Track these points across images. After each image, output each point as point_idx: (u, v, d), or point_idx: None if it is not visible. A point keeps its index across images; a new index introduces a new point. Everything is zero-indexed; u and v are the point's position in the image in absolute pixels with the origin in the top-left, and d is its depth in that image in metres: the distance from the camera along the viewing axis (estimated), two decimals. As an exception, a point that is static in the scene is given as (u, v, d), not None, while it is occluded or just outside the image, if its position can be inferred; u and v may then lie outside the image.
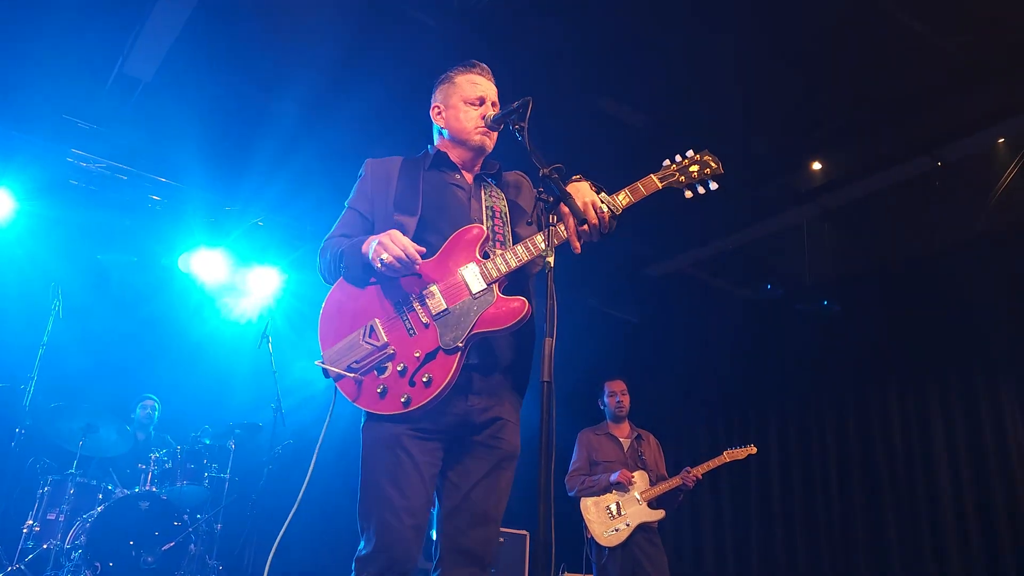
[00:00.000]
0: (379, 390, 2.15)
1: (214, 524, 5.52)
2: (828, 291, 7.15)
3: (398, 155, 2.51)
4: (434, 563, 2.20)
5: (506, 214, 2.41)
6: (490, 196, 2.43)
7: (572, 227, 2.16)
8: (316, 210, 6.39)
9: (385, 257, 2.10)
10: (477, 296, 2.17)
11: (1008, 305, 6.01)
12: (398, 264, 2.11)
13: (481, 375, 2.22)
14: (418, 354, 2.15)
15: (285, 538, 2.24)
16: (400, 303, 2.22)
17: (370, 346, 2.18)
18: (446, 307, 2.18)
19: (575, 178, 2.25)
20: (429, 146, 2.55)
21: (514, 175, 2.59)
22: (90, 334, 6.43)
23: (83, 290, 6.28)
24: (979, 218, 5.88)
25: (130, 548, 4.93)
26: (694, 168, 2.36)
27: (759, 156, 6.04)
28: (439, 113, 2.49)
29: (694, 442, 8.14)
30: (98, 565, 4.77)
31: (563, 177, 2.07)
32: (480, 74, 2.46)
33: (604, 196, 2.24)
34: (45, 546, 4.97)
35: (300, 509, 2.23)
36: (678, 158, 2.38)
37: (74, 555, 4.83)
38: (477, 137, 2.40)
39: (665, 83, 5.40)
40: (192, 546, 5.22)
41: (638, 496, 5.15)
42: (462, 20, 4.80)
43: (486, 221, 2.34)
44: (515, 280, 2.25)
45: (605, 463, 5.32)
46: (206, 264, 6.84)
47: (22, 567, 4.86)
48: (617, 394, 5.54)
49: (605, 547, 5.05)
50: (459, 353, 2.12)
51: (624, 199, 2.28)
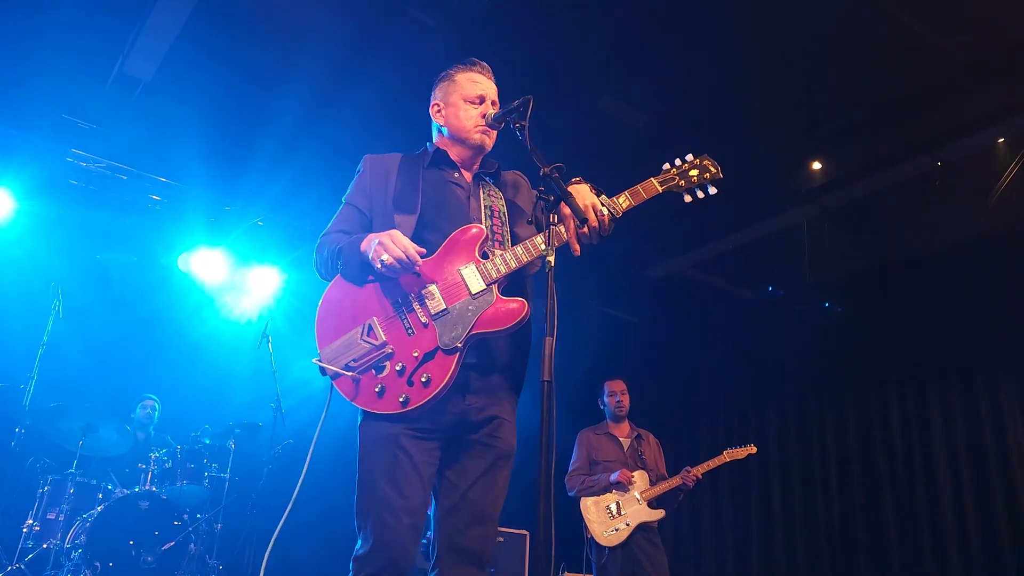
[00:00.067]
0: (377, 389, 2.14)
1: (214, 524, 5.52)
2: (828, 291, 7.15)
3: (397, 152, 2.51)
4: (431, 563, 2.20)
5: (504, 214, 2.41)
6: (489, 195, 2.42)
7: (572, 229, 2.17)
8: (316, 209, 6.38)
9: (385, 258, 2.10)
10: (476, 296, 2.17)
11: (1008, 305, 6.00)
12: (398, 265, 2.11)
13: (479, 374, 2.21)
14: (416, 354, 2.14)
15: (285, 537, 2.24)
16: (399, 302, 2.21)
17: (368, 345, 2.18)
18: (445, 307, 2.17)
19: (575, 180, 2.24)
20: (428, 143, 2.53)
21: (512, 175, 2.58)
22: (90, 334, 6.43)
23: (83, 290, 6.27)
24: (979, 218, 5.87)
25: (130, 548, 4.93)
26: (694, 172, 2.36)
27: (759, 156, 6.04)
28: (439, 111, 2.48)
29: (694, 442, 8.14)
30: (98, 565, 4.78)
31: (563, 177, 2.07)
32: (480, 72, 2.45)
33: (604, 199, 2.24)
34: (45, 545, 4.97)
35: (299, 508, 2.23)
36: (678, 162, 2.39)
37: (74, 555, 4.84)
38: (477, 135, 2.39)
39: (665, 83, 5.40)
40: (192, 546, 5.23)
41: (638, 496, 5.15)
42: (462, 20, 4.81)
43: (485, 220, 2.33)
44: (513, 280, 2.25)
45: (605, 463, 5.32)
46: (206, 264, 6.83)
47: (22, 566, 4.86)
48: (617, 394, 5.54)
49: (605, 547, 5.04)
50: (458, 353, 2.12)
51: (624, 202, 2.28)
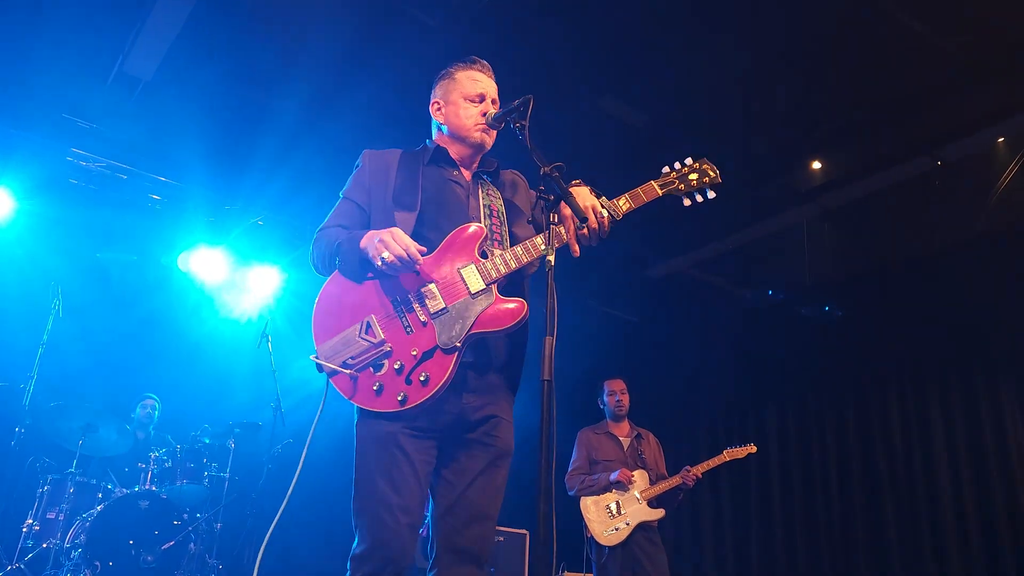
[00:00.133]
0: (375, 387, 2.14)
1: (214, 523, 5.52)
2: (828, 291, 7.14)
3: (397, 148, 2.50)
4: (430, 562, 2.20)
5: (503, 213, 2.41)
6: (488, 194, 2.42)
7: (572, 230, 2.18)
8: (316, 209, 6.34)
9: (386, 256, 2.09)
10: (476, 296, 2.17)
11: (1008, 305, 6.00)
12: (399, 263, 2.10)
13: (476, 373, 2.21)
14: (415, 352, 2.14)
15: (285, 537, 2.24)
16: (398, 300, 2.21)
17: (366, 342, 2.17)
18: (444, 306, 2.17)
19: (575, 183, 2.25)
20: (428, 140, 2.53)
21: (510, 174, 2.58)
22: (90, 333, 6.43)
23: (83, 289, 6.27)
24: (979, 218, 5.87)
25: (130, 547, 4.93)
26: (693, 176, 2.39)
27: (759, 156, 6.04)
28: (439, 109, 2.48)
29: (694, 441, 8.14)
30: (98, 564, 4.77)
31: (563, 178, 2.07)
32: (480, 70, 2.45)
33: (604, 200, 2.25)
34: (45, 545, 4.97)
35: (300, 508, 2.23)
36: (677, 165, 2.40)
37: (74, 554, 4.83)
38: (477, 134, 2.39)
39: (665, 83, 5.40)
40: (192, 545, 5.22)
41: (638, 495, 5.15)
42: (462, 19, 4.81)
43: (484, 220, 2.33)
44: (512, 280, 2.25)
45: (605, 462, 5.32)
46: (206, 263, 6.83)
47: (22, 566, 4.85)
48: (617, 393, 5.54)
49: (605, 546, 5.04)
50: (456, 352, 2.12)
51: (625, 204, 2.29)
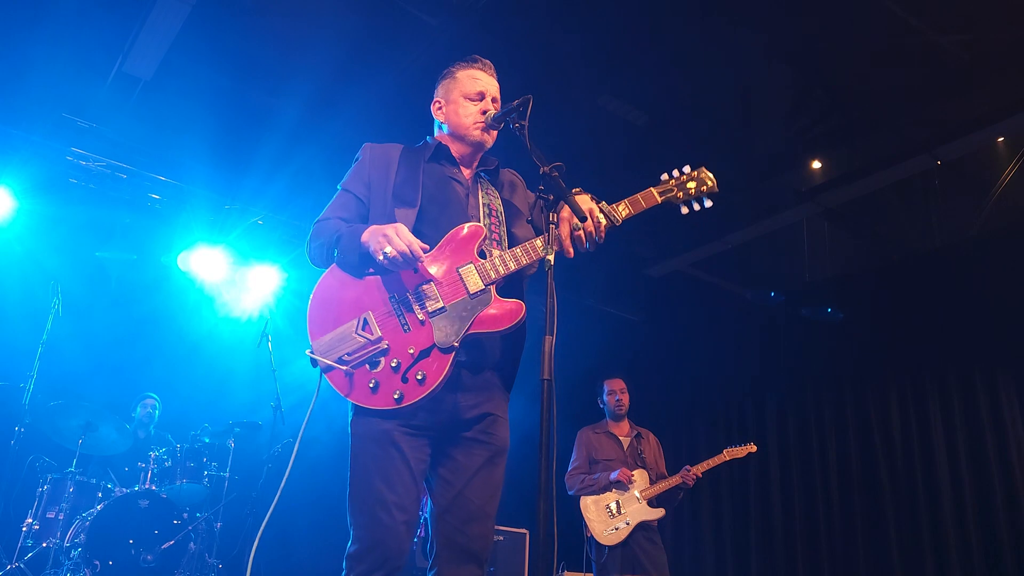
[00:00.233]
0: (371, 385, 2.13)
1: (214, 523, 5.52)
2: (828, 290, 7.15)
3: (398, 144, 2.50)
4: (430, 562, 2.19)
5: (502, 213, 2.41)
6: (487, 194, 2.42)
7: (567, 233, 2.18)
8: (317, 208, 6.31)
9: (389, 251, 2.08)
10: (474, 296, 2.17)
11: (1008, 305, 6.00)
12: (401, 259, 2.10)
13: (471, 372, 2.21)
14: (412, 351, 2.14)
15: (284, 537, 2.24)
16: (396, 298, 2.20)
17: (363, 339, 2.16)
18: (443, 305, 2.17)
19: (575, 191, 2.25)
20: (428, 137, 2.53)
21: (509, 174, 2.58)
22: (90, 332, 6.42)
23: (83, 288, 6.27)
24: (979, 218, 5.88)
25: (129, 547, 4.92)
26: (691, 184, 2.40)
27: (759, 155, 6.05)
28: (439, 108, 2.49)
29: (694, 440, 8.14)
30: (97, 563, 4.77)
31: (563, 179, 2.08)
32: (481, 69, 2.46)
33: (604, 205, 2.25)
34: (44, 544, 4.96)
35: (300, 509, 2.23)
36: (676, 173, 2.42)
37: (73, 553, 4.83)
38: (476, 133, 2.40)
39: (666, 82, 5.40)
40: (191, 544, 5.22)
41: (638, 495, 5.15)
42: (463, 19, 4.81)
43: (483, 219, 2.33)
44: (510, 280, 2.25)
45: (605, 461, 5.31)
46: (206, 262, 6.82)
47: (21, 565, 4.85)
48: (616, 392, 5.53)
49: (605, 546, 5.04)
50: (454, 352, 2.12)
51: (624, 210, 2.30)
